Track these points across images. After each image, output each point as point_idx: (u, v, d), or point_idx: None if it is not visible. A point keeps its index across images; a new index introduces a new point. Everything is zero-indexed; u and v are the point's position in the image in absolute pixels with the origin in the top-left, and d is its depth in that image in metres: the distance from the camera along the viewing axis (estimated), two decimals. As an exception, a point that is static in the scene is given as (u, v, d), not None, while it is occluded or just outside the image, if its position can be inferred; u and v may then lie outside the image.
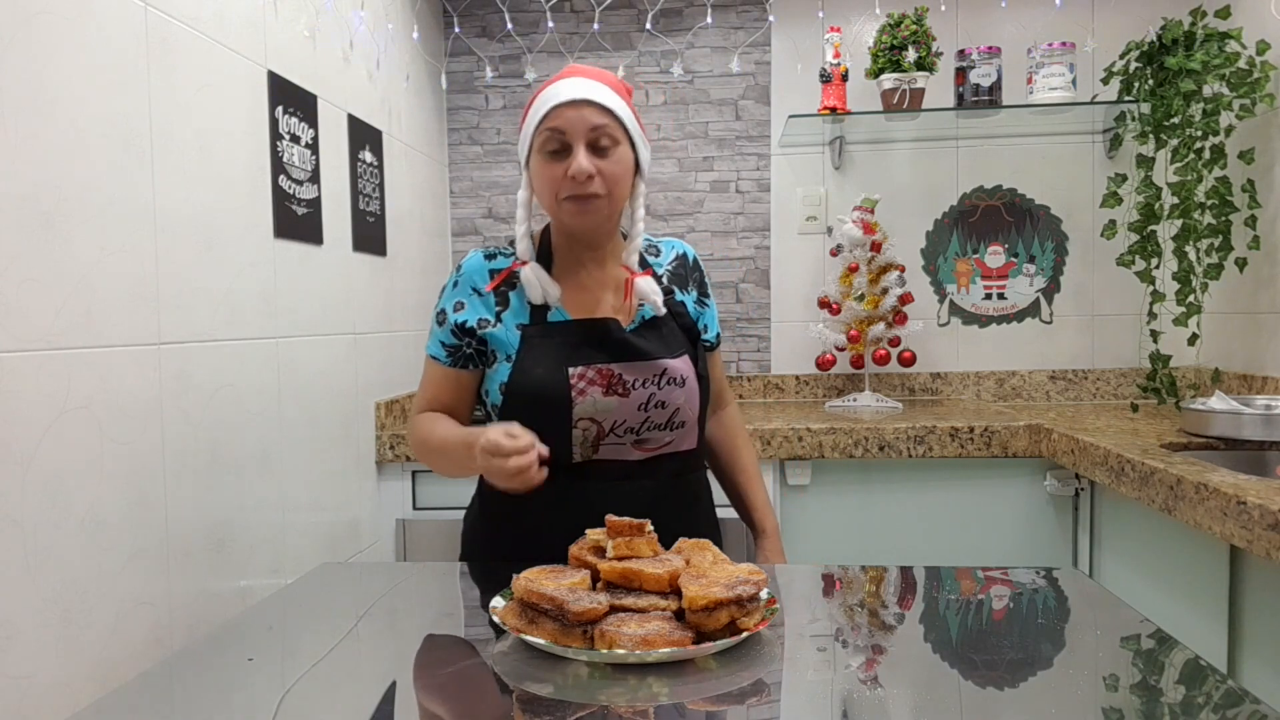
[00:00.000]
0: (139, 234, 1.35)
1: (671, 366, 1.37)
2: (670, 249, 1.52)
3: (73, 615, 1.19)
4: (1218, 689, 0.94)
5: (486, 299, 1.40)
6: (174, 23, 1.44)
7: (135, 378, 1.33)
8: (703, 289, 1.52)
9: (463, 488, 2.29)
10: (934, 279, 2.77)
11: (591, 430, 1.34)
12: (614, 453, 1.36)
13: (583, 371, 1.33)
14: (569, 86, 1.32)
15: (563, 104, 1.31)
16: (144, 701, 0.97)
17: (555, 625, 0.99)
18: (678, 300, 1.47)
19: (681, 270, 1.51)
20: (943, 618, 1.18)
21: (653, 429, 1.37)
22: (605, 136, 1.31)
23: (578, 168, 1.29)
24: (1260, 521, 1.32)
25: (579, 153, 1.30)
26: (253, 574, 1.64)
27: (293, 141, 1.81)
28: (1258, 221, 2.27)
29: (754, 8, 2.76)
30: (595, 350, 1.36)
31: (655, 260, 1.49)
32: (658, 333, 1.41)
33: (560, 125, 1.31)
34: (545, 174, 1.34)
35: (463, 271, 1.42)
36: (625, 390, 1.34)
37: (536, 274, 1.37)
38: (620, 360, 1.35)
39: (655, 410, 1.36)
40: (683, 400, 1.38)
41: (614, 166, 1.33)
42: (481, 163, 2.87)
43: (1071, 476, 2.10)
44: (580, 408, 1.33)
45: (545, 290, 1.37)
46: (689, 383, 1.39)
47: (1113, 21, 2.64)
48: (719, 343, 1.56)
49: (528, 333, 1.37)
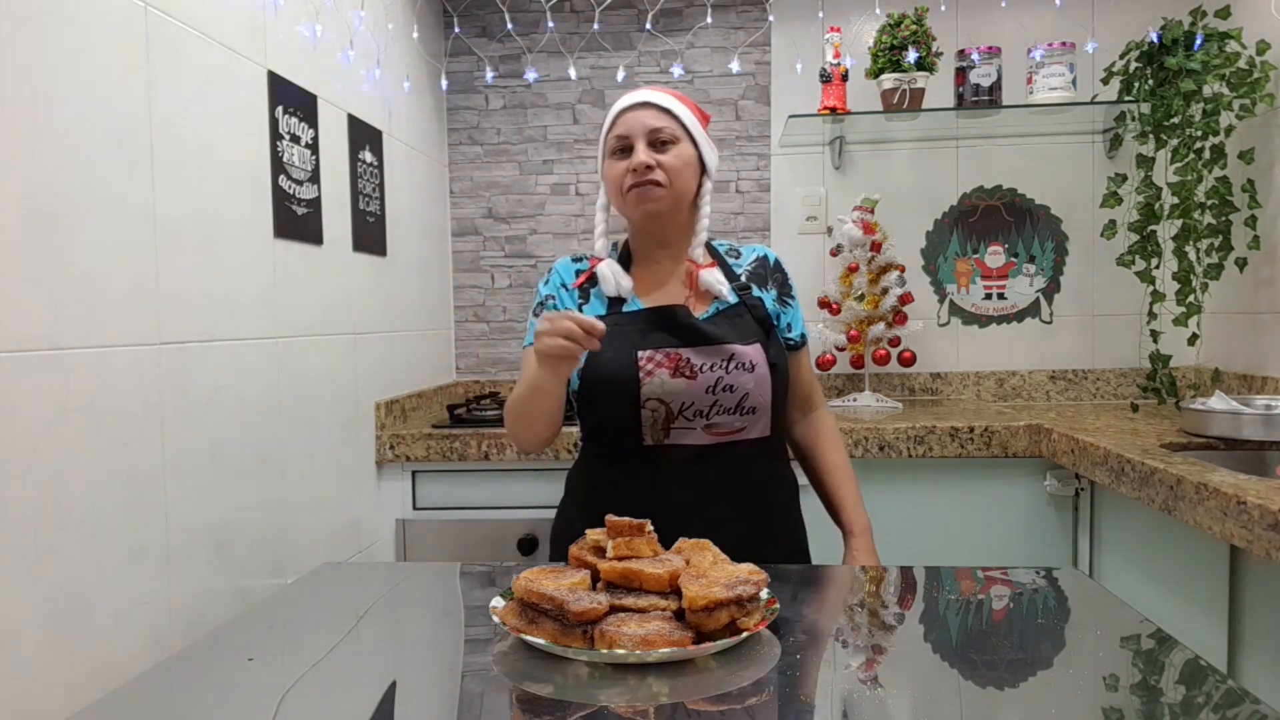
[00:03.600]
0: (139, 234, 1.35)
1: (740, 351, 1.42)
2: (752, 252, 1.60)
3: (73, 615, 1.19)
4: (1218, 689, 0.94)
5: (572, 294, 1.52)
6: (174, 23, 1.44)
7: (135, 378, 1.33)
8: (784, 289, 1.58)
9: (463, 487, 2.30)
10: (934, 279, 2.77)
11: (660, 412, 1.39)
12: (684, 436, 1.40)
13: (651, 354, 1.41)
14: (632, 95, 1.48)
15: (624, 109, 1.46)
16: (144, 701, 0.97)
17: (555, 625, 0.99)
18: (754, 295, 1.52)
19: (761, 270, 1.57)
20: (943, 618, 1.18)
21: (721, 412, 1.41)
22: (664, 134, 1.44)
23: (636, 160, 1.42)
24: (1260, 521, 1.32)
25: (639, 148, 1.43)
26: (253, 574, 1.64)
27: (293, 141, 1.81)
28: (1258, 221, 2.27)
29: (754, 8, 2.76)
30: (664, 334, 1.43)
31: (735, 262, 1.57)
32: (730, 321, 1.47)
33: (623, 130, 1.45)
34: (612, 172, 1.47)
35: (554, 270, 1.57)
36: (693, 373, 1.40)
37: (611, 268, 1.48)
38: (688, 344, 1.42)
39: (724, 394, 1.40)
40: (752, 386, 1.42)
41: (673, 160, 1.44)
42: (481, 163, 2.87)
43: (1071, 476, 2.10)
44: (648, 388, 1.39)
45: (618, 282, 1.47)
46: (759, 369, 1.43)
47: (1113, 21, 2.64)
48: (804, 343, 1.60)
49: (604, 322, 1.41)
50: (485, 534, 2.22)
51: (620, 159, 1.45)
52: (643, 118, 1.44)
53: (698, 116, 1.50)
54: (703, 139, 1.49)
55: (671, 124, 1.45)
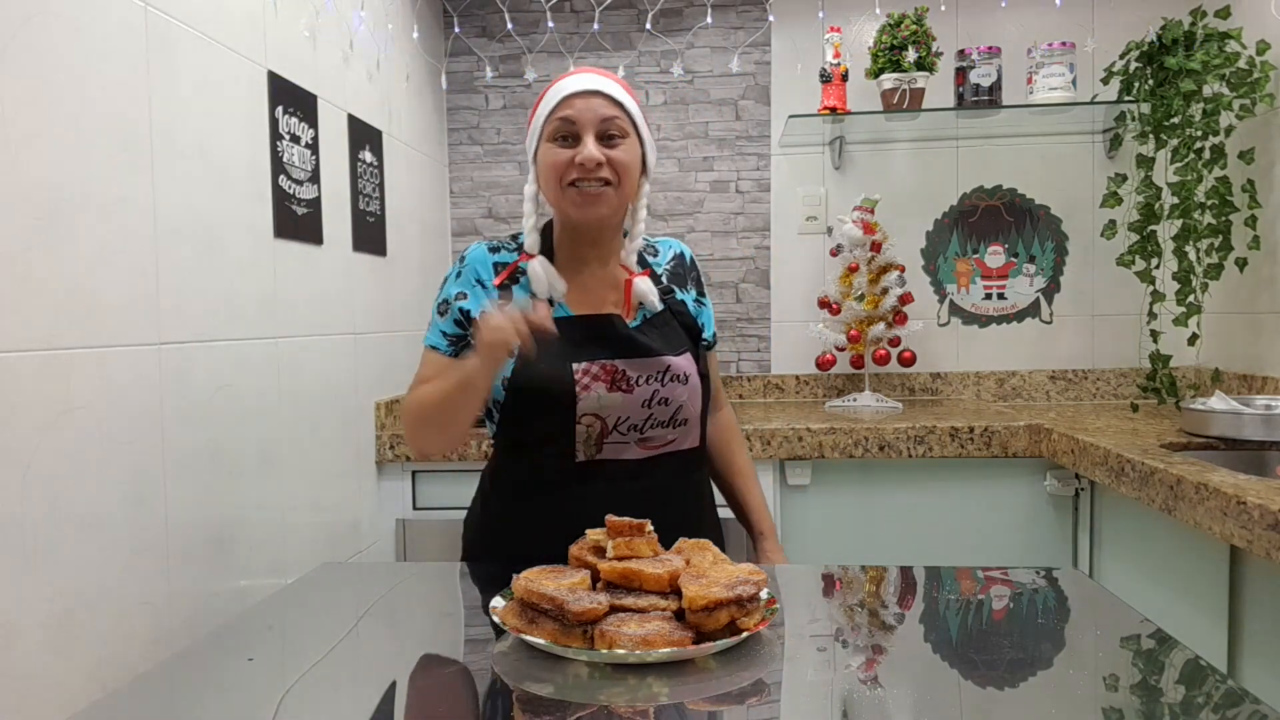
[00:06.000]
0: (139, 234, 1.35)
1: (675, 363, 1.38)
2: (668, 248, 1.53)
3: (73, 615, 1.19)
4: (1218, 689, 0.94)
5: (490, 293, 1.39)
6: (174, 23, 1.44)
7: (135, 378, 1.33)
8: (700, 288, 1.53)
9: (463, 487, 2.29)
10: (934, 279, 2.77)
11: (595, 427, 1.34)
12: (618, 451, 1.36)
13: (587, 367, 1.33)
14: (580, 79, 1.34)
15: (574, 94, 1.32)
16: (144, 701, 0.97)
17: (555, 625, 0.99)
18: (678, 299, 1.47)
19: (680, 269, 1.51)
20: (943, 618, 1.18)
21: (656, 426, 1.37)
22: (615, 127, 1.33)
23: (587, 154, 1.30)
24: (1260, 521, 1.32)
25: (588, 140, 1.31)
26: (253, 574, 1.64)
27: (293, 141, 1.81)
28: (1258, 221, 2.27)
29: (754, 8, 2.76)
30: (599, 346, 1.35)
31: (654, 260, 1.50)
32: (659, 330, 1.41)
33: (571, 114, 1.32)
34: (552, 160, 1.33)
35: (466, 262, 1.42)
36: (629, 386, 1.34)
37: (544, 268, 1.37)
38: (624, 356, 1.35)
39: (659, 407, 1.36)
40: (685, 397, 1.38)
41: (623, 156, 1.33)
42: (481, 163, 2.87)
43: (1071, 476, 2.10)
44: (584, 403, 1.33)
45: (551, 284, 1.36)
46: (691, 380, 1.39)
47: (1113, 21, 2.64)
48: (716, 343, 1.57)
49: None
50: (485, 534, 2.22)
51: (563, 146, 1.32)
52: (595, 106, 1.31)
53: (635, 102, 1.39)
54: (647, 135, 1.39)
55: (622, 116, 1.33)
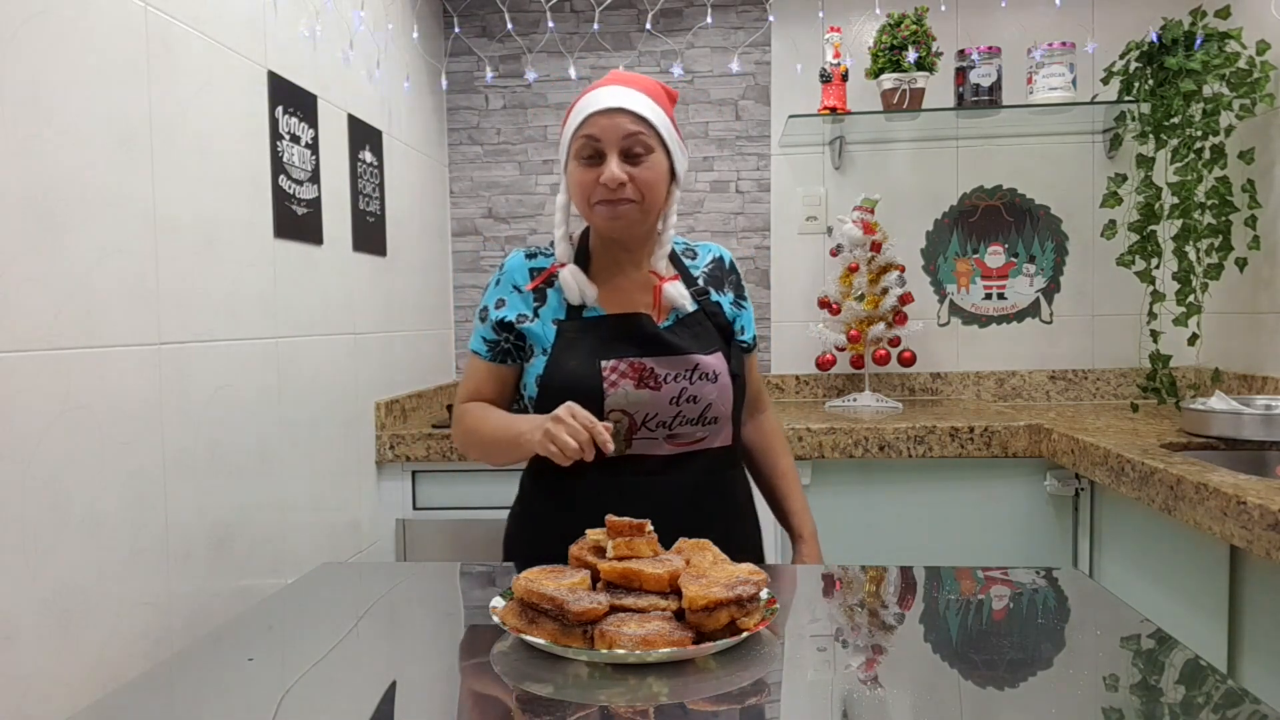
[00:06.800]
0: (139, 234, 1.35)
1: (704, 362, 1.40)
2: (707, 252, 1.55)
3: (73, 615, 1.19)
4: (1218, 689, 0.94)
5: (525, 296, 1.44)
6: (174, 23, 1.44)
7: (135, 378, 1.33)
8: (739, 291, 1.55)
9: (463, 487, 2.30)
10: (934, 279, 2.77)
11: (624, 423, 1.37)
12: (647, 447, 1.38)
13: (615, 364, 1.37)
14: (606, 94, 1.36)
15: (598, 112, 1.34)
16: (144, 701, 0.97)
17: (555, 625, 0.99)
18: (713, 300, 1.49)
19: (718, 272, 1.54)
20: (943, 618, 1.18)
21: (684, 423, 1.39)
22: (639, 144, 1.34)
23: (609, 175, 1.33)
24: (1260, 521, 1.32)
25: (611, 160, 1.33)
26: (253, 574, 1.64)
27: (293, 141, 1.81)
28: (1258, 221, 2.27)
29: (754, 8, 2.76)
30: (628, 344, 1.39)
31: (692, 263, 1.52)
32: (691, 330, 1.43)
33: (594, 133, 1.34)
34: (579, 180, 1.37)
35: (505, 270, 1.47)
36: (657, 383, 1.37)
37: (575, 276, 1.41)
38: (652, 354, 1.38)
39: (687, 405, 1.38)
40: (715, 396, 1.40)
41: (646, 173, 1.35)
42: (481, 163, 2.87)
43: (1071, 476, 2.10)
44: (612, 399, 1.36)
45: (582, 291, 1.41)
46: (721, 379, 1.41)
47: (1113, 21, 2.64)
48: (755, 345, 1.58)
49: (563, 328, 1.40)
50: (485, 534, 2.22)
51: (589, 165, 1.35)
52: (618, 124, 1.33)
53: (668, 106, 1.41)
54: (674, 144, 1.40)
55: (647, 132, 1.35)
